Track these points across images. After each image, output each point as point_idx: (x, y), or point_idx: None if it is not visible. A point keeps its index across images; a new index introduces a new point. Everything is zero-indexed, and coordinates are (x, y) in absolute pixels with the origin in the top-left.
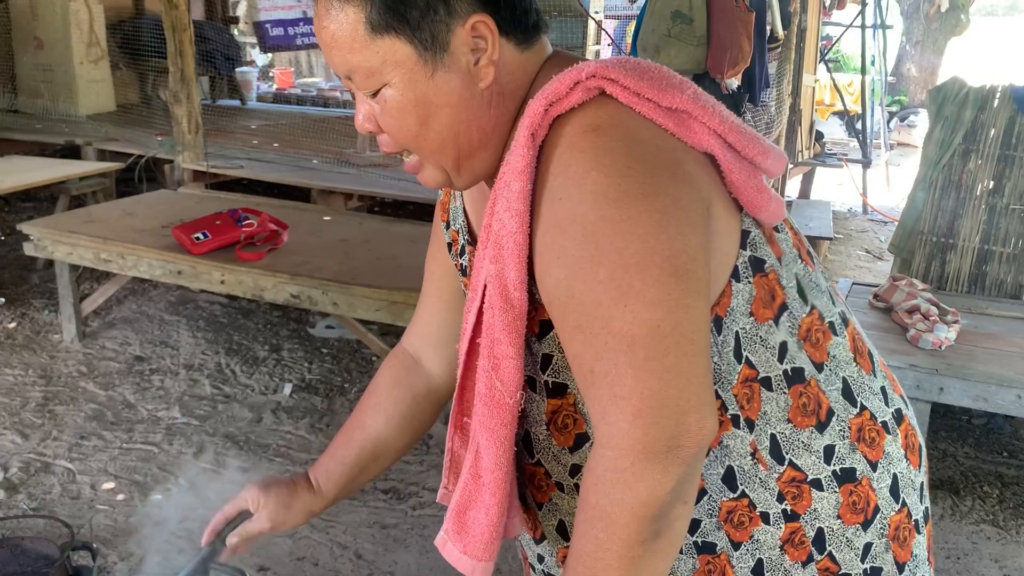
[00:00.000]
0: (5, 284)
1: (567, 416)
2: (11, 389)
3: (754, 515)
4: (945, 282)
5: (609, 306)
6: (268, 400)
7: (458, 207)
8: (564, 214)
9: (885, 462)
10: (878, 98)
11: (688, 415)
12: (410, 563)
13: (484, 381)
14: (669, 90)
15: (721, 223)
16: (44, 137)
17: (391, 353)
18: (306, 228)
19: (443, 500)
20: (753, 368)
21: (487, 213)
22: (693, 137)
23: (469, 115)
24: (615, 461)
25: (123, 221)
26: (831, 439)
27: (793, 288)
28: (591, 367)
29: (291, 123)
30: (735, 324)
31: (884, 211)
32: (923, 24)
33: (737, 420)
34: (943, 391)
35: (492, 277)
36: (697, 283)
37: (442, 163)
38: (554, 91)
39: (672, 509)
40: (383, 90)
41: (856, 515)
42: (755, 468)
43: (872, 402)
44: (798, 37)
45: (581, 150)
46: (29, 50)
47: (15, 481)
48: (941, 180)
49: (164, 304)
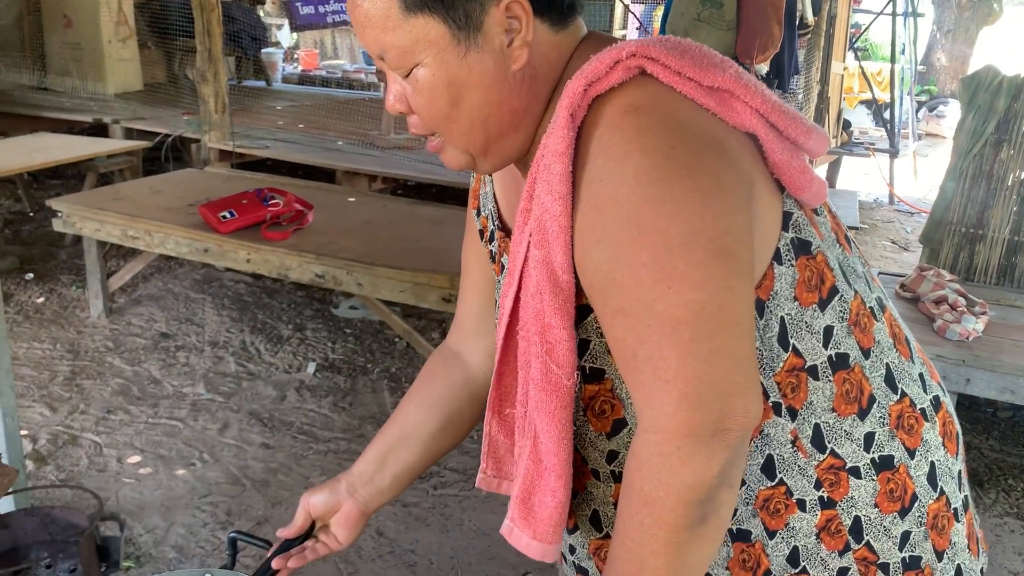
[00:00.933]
0: (34, 260)
1: (605, 402)
2: (39, 363)
3: (790, 502)
4: (973, 273)
5: (652, 288)
6: (292, 378)
7: (488, 193)
8: (604, 196)
9: (923, 449)
10: (907, 87)
11: (734, 398)
12: (431, 541)
13: (538, 367)
14: (711, 69)
15: (763, 204)
16: (72, 115)
17: (435, 351)
18: (331, 209)
19: (482, 485)
20: (800, 357)
21: (524, 197)
22: (735, 117)
23: (500, 97)
24: (660, 445)
25: (150, 199)
26: (871, 426)
27: (840, 271)
28: (634, 351)
29: (316, 104)
30: (779, 309)
31: (911, 202)
32: (955, 13)
33: (779, 408)
34: (969, 382)
35: (538, 262)
36: (742, 264)
37: (469, 146)
38: (593, 71)
39: (718, 493)
40: (415, 70)
41: (893, 503)
42: (795, 456)
43: (912, 388)
44: (828, 24)
45: (621, 130)
46: (58, 28)
47: (43, 453)
48: (972, 170)
49: (190, 282)
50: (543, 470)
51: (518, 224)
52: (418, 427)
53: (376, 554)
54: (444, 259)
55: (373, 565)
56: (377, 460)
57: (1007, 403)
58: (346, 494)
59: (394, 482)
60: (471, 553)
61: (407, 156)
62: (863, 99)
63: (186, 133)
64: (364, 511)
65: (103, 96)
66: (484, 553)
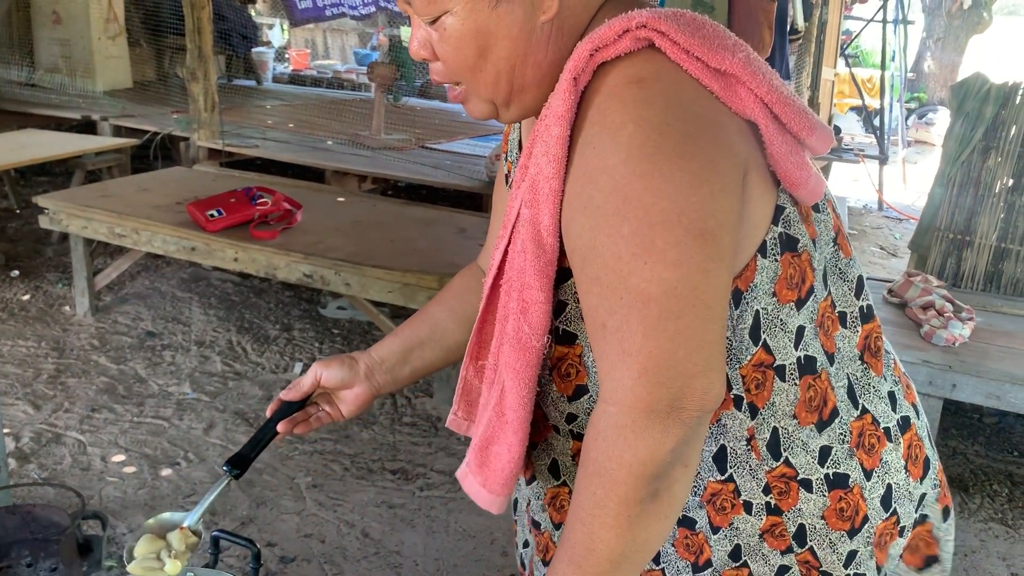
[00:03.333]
0: (20, 256)
1: (571, 366)
2: (24, 360)
3: (737, 502)
4: (960, 279)
5: (629, 261)
6: (278, 378)
7: (514, 139)
8: (595, 163)
9: (881, 471)
10: (897, 94)
11: (695, 379)
12: (416, 543)
13: (512, 324)
14: (721, 51)
15: (755, 195)
16: (61, 112)
17: (466, 267)
18: (320, 208)
19: (451, 425)
20: (770, 354)
21: (523, 154)
22: (738, 103)
23: (527, 49)
24: (617, 417)
25: (138, 197)
26: (829, 440)
27: (821, 272)
28: (604, 321)
29: (306, 104)
30: (756, 302)
31: (900, 208)
32: (945, 21)
33: (740, 402)
34: (955, 388)
35: (526, 221)
36: (722, 249)
37: (493, 97)
38: (601, 36)
39: (671, 470)
40: (443, 17)
41: (843, 522)
42: (748, 455)
43: (877, 406)
44: (818, 30)
45: (621, 100)
46: (47, 24)
47: (26, 451)
48: (960, 176)
49: (176, 281)
50: (504, 423)
51: (516, 180)
52: (446, 334)
53: (361, 555)
54: (433, 259)
55: (358, 566)
56: (402, 352)
57: (992, 409)
58: (363, 376)
59: (411, 375)
60: (457, 555)
61: (397, 156)
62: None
63: (175, 131)
64: (375, 394)
65: (92, 93)
66: (470, 555)
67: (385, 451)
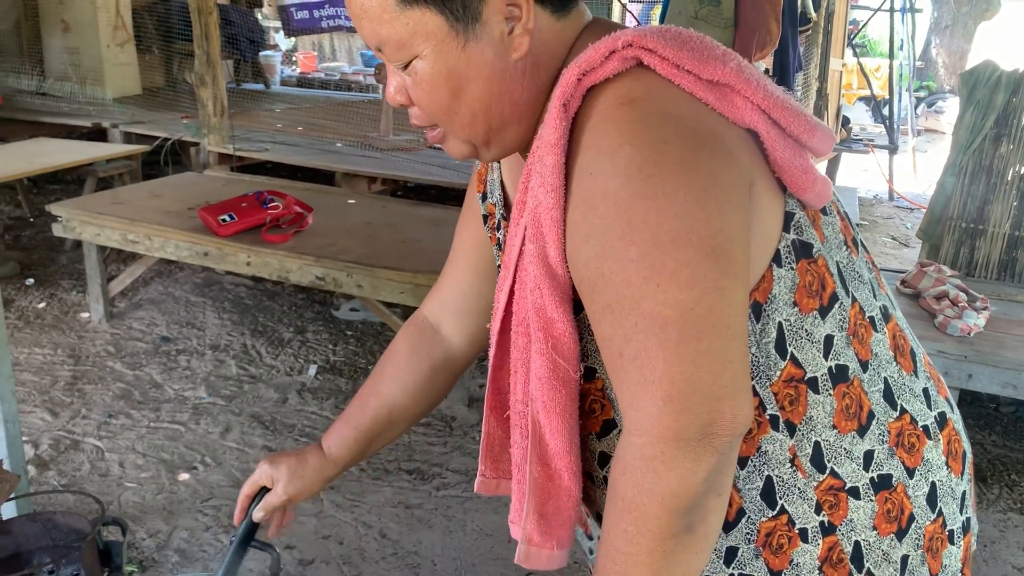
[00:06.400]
0: (34, 265)
1: (595, 401)
2: (41, 368)
3: (793, 534)
4: (974, 268)
5: (640, 286)
6: (293, 381)
7: (495, 179)
8: (594, 189)
9: (923, 469)
10: (906, 83)
11: (722, 401)
12: (434, 543)
13: (543, 364)
14: (711, 62)
15: (763, 204)
16: (71, 120)
17: (409, 320)
18: (330, 211)
19: (481, 489)
20: (800, 367)
21: (520, 189)
22: (735, 112)
23: (502, 87)
24: (644, 449)
25: (150, 203)
26: (871, 444)
27: (838, 276)
28: (620, 350)
29: (315, 107)
30: (777, 314)
31: (911, 197)
32: (952, 8)
33: (776, 422)
34: (972, 378)
35: (534, 257)
36: (735, 265)
37: (471, 136)
38: (588, 60)
39: (705, 501)
40: (414, 62)
41: (890, 524)
42: (794, 477)
43: (913, 405)
44: (826, 20)
45: (614, 122)
46: (57, 33)
47: (45, 458)
48: (971, 165)
49: (190, 285)
50: (552, 474)
51: (514, 217)
52: (404, 412)
53: (379, 556)
54: (443, 260)
55: (376, 567)
56: (364, 444)
57: (1009, 398)
58: (316, 477)
59: (364, 458)
60: (475, 554)
61: (406, 157)
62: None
63: (185, 137)
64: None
65: (102, 100)
66: (487, 554)
67: (400, 451)
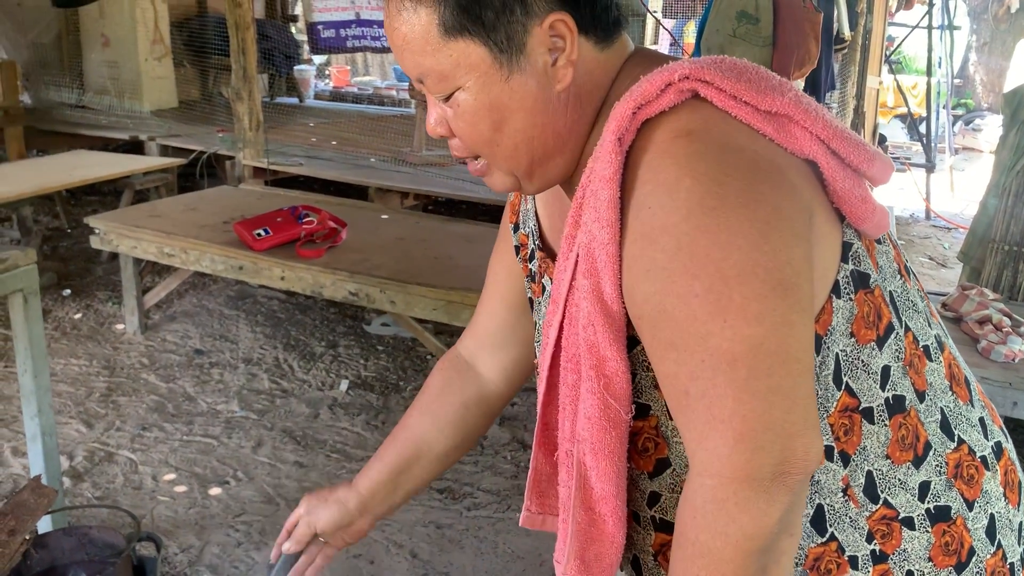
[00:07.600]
0: (71, 276)
1: (648, 439)
2: (76, 379)
3: (842, 560)
4: (1017, 292)
5: (706, 322)
6: (325, 396)
7: (529, 210)
8: (654, 224)
9: (983, 501)
10: (943, 101)
11: (795, 439)
12: (465, 564)
13: (594, 403)
14: (769, 92)
15: (823, 234)
16: (109, 132)
17: (445, 355)
18: (364, 226)
19: (525, 523)
20: (854, 396)
21: (570, 223)
22: (794, 143)
23: (545, 119)
24: (716, 490)
25: (186, 216)
26: (927, 475)
27: (893, 306)
28: (686, 388)
29: (348, 121)
30: (835, 345)
31: (948, 217)
32: (991, 25)
33: (831, 452)
34: (1016, 406)
35: (587, 292)
36: (802, 298)
37: (514, 168)
38: (643, 93)
39: (779, 542)
40: (456, 94)
41: (949, 557)
42: (846, 506)
43: (970, 435)
44: (863, 38)
45: (672, 156)
46: (96, 47)
47: (80, 470)
48: (1015, 186)
49: (223, 299)
50: (596, 519)
51: (563, 251)
52: (434, 447)
53: None
54: (477, 277)
55: None
56: (391, 480)
57: None
58: (357, 513)
59: (405, 497)
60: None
61: (439, 173)
62: (898, 113)
63: (221, 150)
64: (372, 525)
65: (139, 113)
66: None
67: None
